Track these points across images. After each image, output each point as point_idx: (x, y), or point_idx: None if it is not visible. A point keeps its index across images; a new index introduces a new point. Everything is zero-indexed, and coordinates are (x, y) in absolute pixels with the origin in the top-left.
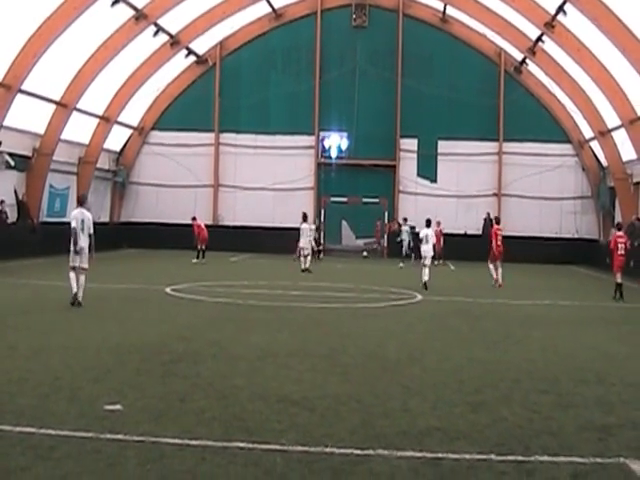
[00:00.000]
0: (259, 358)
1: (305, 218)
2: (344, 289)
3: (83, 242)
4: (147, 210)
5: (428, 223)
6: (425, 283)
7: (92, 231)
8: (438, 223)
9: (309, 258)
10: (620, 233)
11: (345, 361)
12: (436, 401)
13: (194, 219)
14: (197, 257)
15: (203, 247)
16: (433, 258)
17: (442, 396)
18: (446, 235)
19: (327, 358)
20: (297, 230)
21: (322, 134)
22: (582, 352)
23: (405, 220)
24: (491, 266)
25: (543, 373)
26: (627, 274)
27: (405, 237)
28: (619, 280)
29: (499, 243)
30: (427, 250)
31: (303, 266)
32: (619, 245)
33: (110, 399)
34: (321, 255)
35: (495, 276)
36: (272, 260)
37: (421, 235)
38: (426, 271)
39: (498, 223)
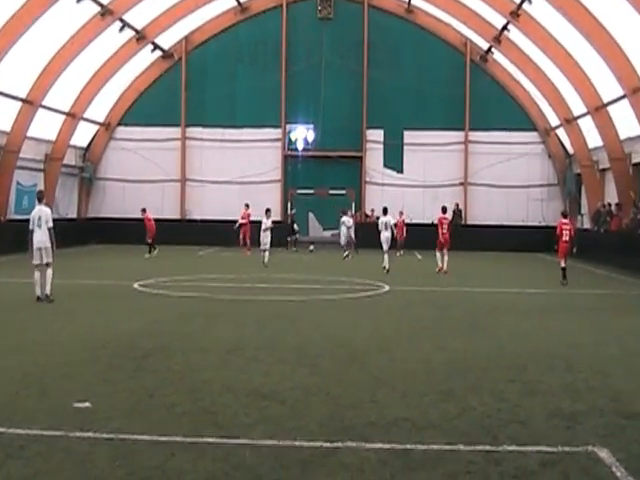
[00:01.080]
0: (228, 351)
1: (267, 213)
2: (311, 281)
3: (41, 237)
4: (114, 205)
5: (385, 211)
6: (385, 268)
7: (51, 225)
8: (401, 213)
9: (267, 254)
10: (565, 220)
11: (314, 353)
12: (405, 391)
13: (144, 211)
14: (149, 252)
15: (150, 241)
16: (394, 247)
17: (411, 386)
18: (413, 225)
19: (296, 350)
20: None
21: (289, 126)
22: (550, 339)
23: (344, 212)
24: (438, 254)
25: (511, 361)
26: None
27: (344, 229)
28: (563, 264)
29: (444, 231)
30: (385, 237)
31: (265, 260)
32: (564, 232)
33: (81, 396)
34: (311, 247)
35: (440, 264)
36: (240, 254)
37: (380, 224)
38: (385, 257)
39: (444, 212)
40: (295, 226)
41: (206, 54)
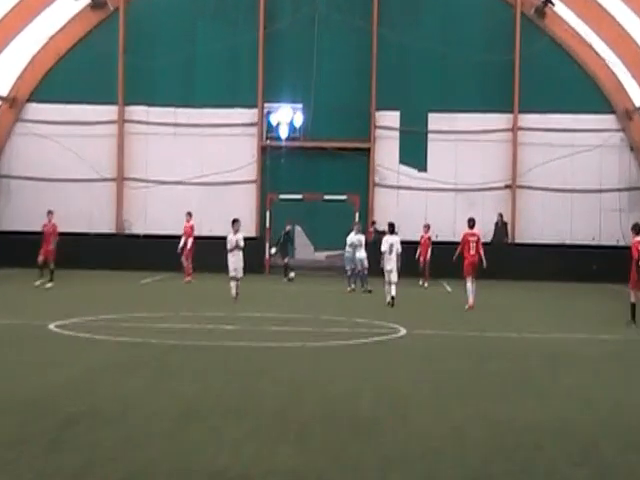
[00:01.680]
0: (182, 418)
1: (234, 225)
2: (298, 321)
3: None
4: (24, 214)
5: (392, 228)
6: (391, 300)
7: None
8: (426, 228)
9: (237, 284)
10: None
11: (301, 421)
12: (427, 477)
13: (50, 213)
14: (43, 276)
15: (52, 265)
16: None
17: (435, 470)
18: (440, 243)
19: (276, 417)
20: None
21: (268, 106)
22: (629, 406)
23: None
24: (468, 284)
25: (576, 436)
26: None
27: (350, 250)
28: (633, 299)
29: (472, 252)
30: (390, 266)
31: (233, 292)
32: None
33: None
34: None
35: (470, 299)
36: (200, 282)
37: (383, 247)
38: (392, 288)
39: (472, 226)
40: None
41: (153, 3)
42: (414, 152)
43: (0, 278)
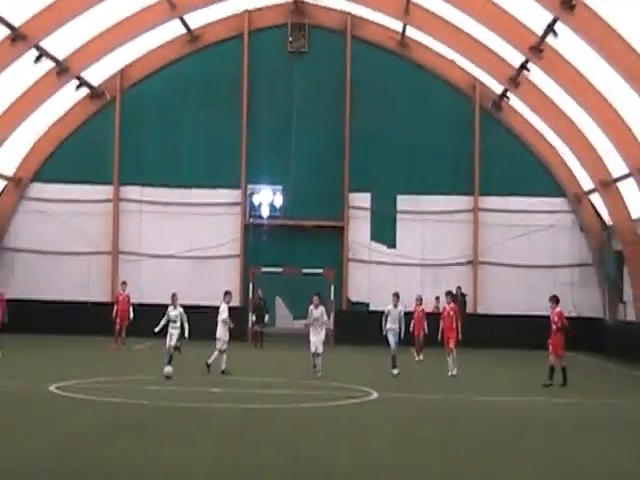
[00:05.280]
0: None
1: (225, 297)
2: (279, 385)
3: None
4: (26, 284)
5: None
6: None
7: None
8: (419, 300)
9: (225, 356)
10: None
11: None
12: None
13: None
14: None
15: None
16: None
17: None
18: (407, 314)
19: (258, 479)
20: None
21: (251, 188)
22: (592, 468)
23: (319, 296)
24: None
25: None
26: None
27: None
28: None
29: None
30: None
31: (223, 366)
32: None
33: None
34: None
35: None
36: (188, 348)
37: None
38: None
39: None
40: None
41: (146, 94)
42: (384, 230)
43: (3, 343)
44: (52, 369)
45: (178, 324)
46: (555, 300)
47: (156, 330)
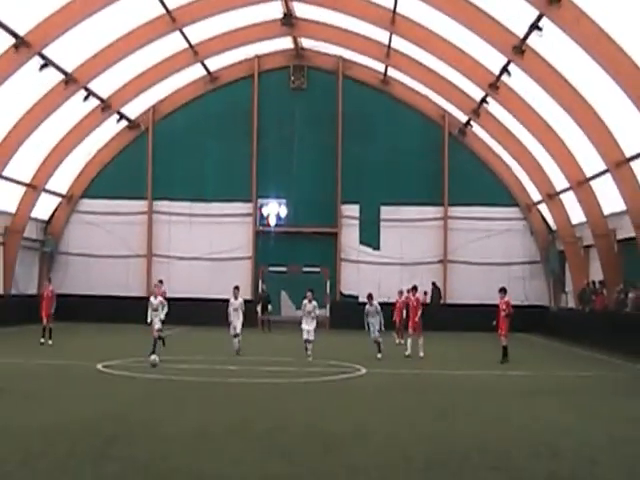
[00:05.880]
0: (196, 438)
1: (235, 291)
2: (284, 363)
3: None
4: (77, 282)
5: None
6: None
7: None
8: (400, 293)
9: (238, 339)
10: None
11: (286, 440)
12: None
13: (161, 282)
14: (44, 336)
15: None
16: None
17: (388, 476)
18: (388, 304)
19: (267, 436)
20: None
21: (260, 201)
22: (534, 424)
23: (312, 292)
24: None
25: (494, 447)
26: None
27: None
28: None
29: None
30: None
31: (236, 348)
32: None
33: None
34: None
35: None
36: (209, 333)
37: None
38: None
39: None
40: (269, 306)
41: (174, 124)
42: (370, 235)
43: (55, 329)
44: (98, 351)
45: (159, 311)
46: (503, 291)
47: (148, 321)
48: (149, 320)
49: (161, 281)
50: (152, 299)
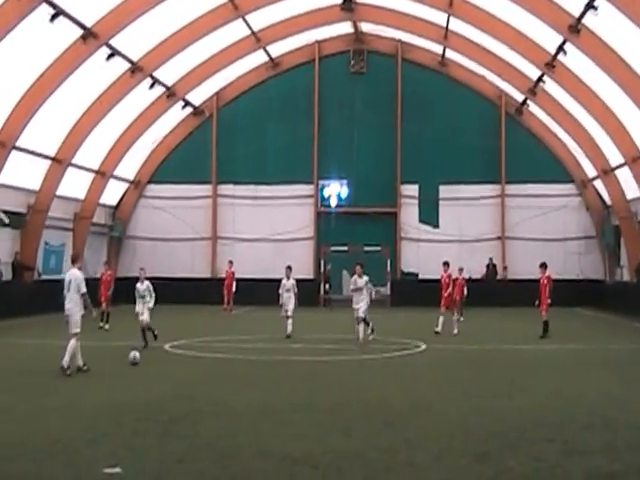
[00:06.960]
0: (260, 415)
1: (287, 271)
2: (346, 340)
3: (68, 304)
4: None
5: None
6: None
7: (83, 290)
8: (460, 270)
9: (290, 321)
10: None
11: (348, 415)
12: (441, 454)
13: (230, 262)
14: (102, 320)
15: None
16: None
17: (447, 448)
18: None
19: (329, 412)
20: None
21: (321, 182)
22: (588, 396)
23: (361, 266)
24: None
25: (549, 420)
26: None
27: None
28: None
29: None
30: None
31: (288, 331)
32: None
33: (108, 462)
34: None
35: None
36: (272, 313)
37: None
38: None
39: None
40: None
41: (237, 110)
42: (429, 214)
43: (124, 311)
44: (166, 332)
45: (148, 298)
46: (544, 266)
47: (136, 310)
48: (136, 309)
49: (231, 262)
50: (138, 285)
